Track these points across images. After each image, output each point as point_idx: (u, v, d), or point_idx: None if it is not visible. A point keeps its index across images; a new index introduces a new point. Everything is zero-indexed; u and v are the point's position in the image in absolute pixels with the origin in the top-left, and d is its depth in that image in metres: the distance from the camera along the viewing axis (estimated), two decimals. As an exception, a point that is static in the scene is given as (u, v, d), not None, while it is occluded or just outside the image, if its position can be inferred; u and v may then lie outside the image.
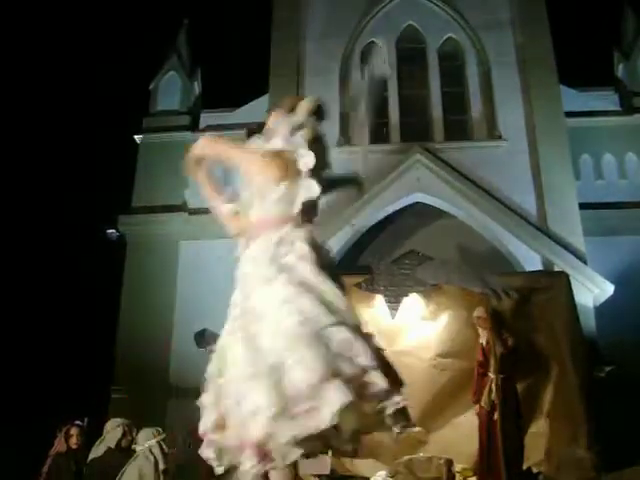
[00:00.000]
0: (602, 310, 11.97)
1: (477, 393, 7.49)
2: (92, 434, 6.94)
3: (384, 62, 11.47)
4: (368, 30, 14.94)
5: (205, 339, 11.09)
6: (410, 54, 15.08)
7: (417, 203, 12.91)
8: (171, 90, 16.12)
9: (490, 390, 7.10)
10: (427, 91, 14.63)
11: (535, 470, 7.09)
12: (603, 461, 7.21)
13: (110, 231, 14.66)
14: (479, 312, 7.66)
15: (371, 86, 14.53)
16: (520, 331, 8.22)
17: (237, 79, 21.12)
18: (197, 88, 16.71)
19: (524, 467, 7.08)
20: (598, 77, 16.56)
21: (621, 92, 15.69)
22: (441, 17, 14.97)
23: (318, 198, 3.18)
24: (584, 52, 20.20)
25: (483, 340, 7.63)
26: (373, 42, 14.96)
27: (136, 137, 15.52)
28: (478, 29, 14.63)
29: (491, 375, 7.22)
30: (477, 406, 7.46)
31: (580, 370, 7.80)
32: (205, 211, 15.15)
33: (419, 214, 12.93)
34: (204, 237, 12.75)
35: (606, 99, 15.48)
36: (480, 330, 7.67)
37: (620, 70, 15.97)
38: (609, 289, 12.06)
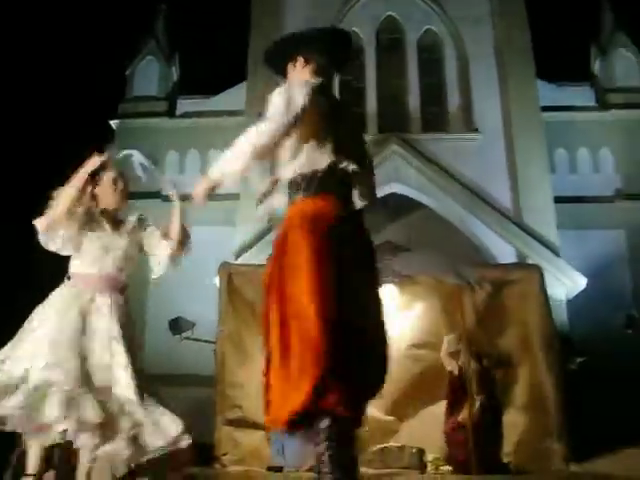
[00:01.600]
0: (574, 303, 12.12)
1: (452, 407, 7.41)
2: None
3: None
4: (348, 20, 14.92)
5: (179, 326, 11.08)
6: (389, 45, 15.11)
7: (393, 194, 12.94)
8: (148, 76, 15.99)
9: (471, 408, 7.04)
10: (405, 82, 14.67)
11: (506, 460, 7.16)
12: (573, 452, 7.31)
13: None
14: (451, 347, 7.56)
15: (349, 76, 14.55)
16: (493, 323, 8.29)
17: (215, 66, 20.99)
18: (175, 74, 16.59)
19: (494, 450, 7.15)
20: (575, 72, 16.71)
21: (597, 88, 15.84)
22: (421, 9, 14.99)
23: None
24: (561, 47, 20.36)
25: (453, 369, 7.56)
26: (353, 32, 14.95)
27: (112, 122, 15.38)
28: (457, 22, 14.68)
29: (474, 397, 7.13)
30: (450, 419, 7.37)
31: (552, 362, 7.86)
32: (180, 198, 15.09)
33: (395, 205, 12.96)
34: (179, 224, 12.69)
35: (582, 94, 15.64)
36: (449, 360, 7.61)
37: (596, 66, 16.13)
38: (581, 282, 12.21)
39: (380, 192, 14.11)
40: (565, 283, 12.05)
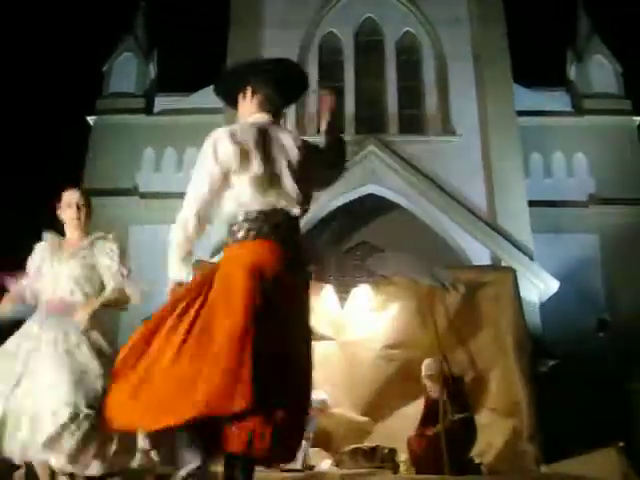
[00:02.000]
0: (547, 306, 12.23)
1: (424, 423, 7.37)
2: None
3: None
4: (327, 20, 14.96)
5: (153, 325, 11.03)
6: (368, 46, 15.15)
7: (370, 195, 12.98)
8: (126, 72, 15.90)
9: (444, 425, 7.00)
10: (383, 83, 14.72)
11: (477, 461, 7.19)
12: (544, 454, 7.37)
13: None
14: (430, 370, 7.49)
15: (327, 77, 14.56)
16: (466, 324, 8.34)
17: (193, 63, 20.92)
18: (153, 71, 16.51)
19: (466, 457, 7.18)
20: (551, 77, 16.90)
21: (572, 93, 16.03)
22: (400, 11, 15.05)
23: None
24: (538, 52, 20.57)
25: (430, 390, 7.47)
26: (332, 32, 14.99)
27: (89, 118, 15.26)
28: (436, 24, 14.76)
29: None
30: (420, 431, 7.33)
31: (524, 364, 7.92)
32: (156, 195, 15.10)
33: (372, 206, 13.01)
34: (155, 221, 12.63)
35: (558, 99, 15.80)
36: (430, 383, 7.54)
37: (572, 72, 16.31)
38: (554, 285, 12.33)
39: (357, 193, 14.18)
40: (538, 286, 12.16)
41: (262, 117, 3.03)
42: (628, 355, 12.37)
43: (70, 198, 3.92)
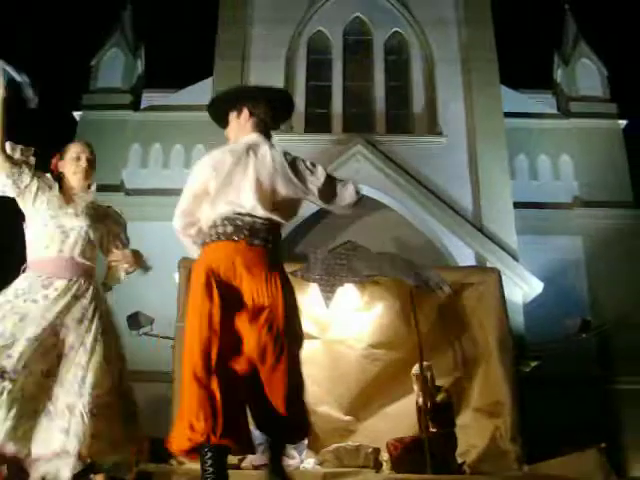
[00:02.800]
0: (531, 307, 12.28)
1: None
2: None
3: None
4: (316, 19, 14.94)
5: (138, 322, 10.97)
6: (356, 45, 15.15)
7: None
8: (113, 67, 15.79)
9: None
10: (371, 83, 14.73)
11: (460, 460, 7.23)
12: (526, 453, 7.42)
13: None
14: (415, 370, 7.50)
15: (315, 75, 14.57)
16: (451, 325, 8.38)
17: (182, 59, 20.87)
18: (140, 66, 16.42)
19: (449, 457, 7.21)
20: (537, 80, 16.97)
21: (559, 96, 16.11)
22: (389, 11, 15.06)
23: None
24: (525, 55, 20.66)
25: (419, 398, 7.47)
26: (320, 31, 14.99)
27: (75, 114, 15.17)
28: (424, 25, 14.78)
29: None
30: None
31: (507, 365, 7.97)
32: (142, 192, 15.03)
33: (358, 205, 13.01)
34: (141, 218, 12.56)
35: (544, 102, 15.87)
36: (415, 385, 7.55)
37: (559, 74, 16.39)
38: (538, 287, 12.38)
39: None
40: (522, 287, 12.21)
41: (256, 136, 3.42)
42: (610, 356, 12.48)
43: (78, 151, 3.81)
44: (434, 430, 6.86)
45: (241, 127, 3.47)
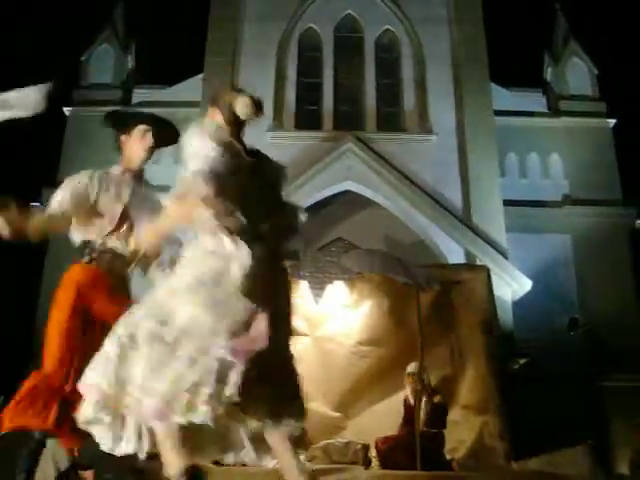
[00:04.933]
0: (519, 304, 12.33)
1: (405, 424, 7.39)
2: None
3: None
4: (307, 16, 14.93)
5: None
6: (347, 43, 15.14)
7: (347, 191, 12.99)
8: (104, 63, 15.75)
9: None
10: (362, 81, 14.73)
11: (449, 457, 7.25)
12: (514, 450, 7.45)
13: (34, 205, 14.24)
14: (411, 368, 7.49)
15: (306, 72, 14.56)
16: (440, 322, 8.40)
17: (172, 56, 20.80)
18: (131, 62, 16.36)
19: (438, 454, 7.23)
20: (528, 79, 17.01)
21: (549, 95, 16.17)
22: (380, 9, 15.07)
23: None
24: (516, 54, 20.69)
25: (409, 395, 7.48)
26: (311, 28, 14.98)
27: (65, 109, 15.11)
28: (416, 23, 14.80)
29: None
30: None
31: (495, 362, 8.00)
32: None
33: (349, 202, 13.03)
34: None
35: (534, 100, 15.93)
36: (407, 385, 7.55)
37: (549, 73, 16.45)
38: (527, 284, 12.43)
39: (333, 189, 14.15)
40: (511, 285, 12.26)
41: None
42: (599, 353, 12.54)
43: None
44: (424, 429, 6.88)
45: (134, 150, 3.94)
